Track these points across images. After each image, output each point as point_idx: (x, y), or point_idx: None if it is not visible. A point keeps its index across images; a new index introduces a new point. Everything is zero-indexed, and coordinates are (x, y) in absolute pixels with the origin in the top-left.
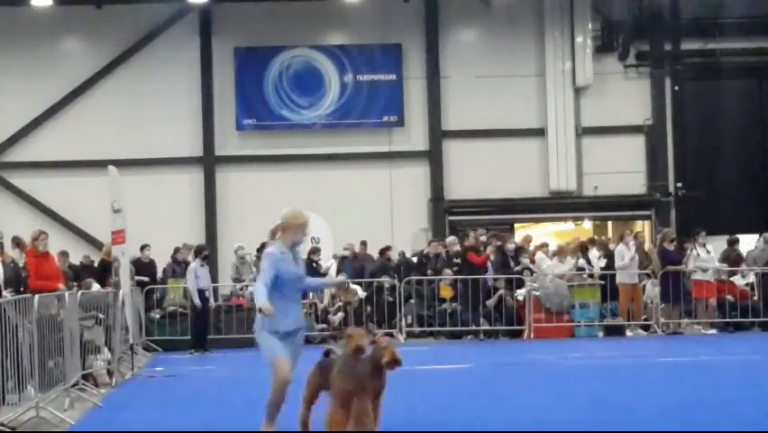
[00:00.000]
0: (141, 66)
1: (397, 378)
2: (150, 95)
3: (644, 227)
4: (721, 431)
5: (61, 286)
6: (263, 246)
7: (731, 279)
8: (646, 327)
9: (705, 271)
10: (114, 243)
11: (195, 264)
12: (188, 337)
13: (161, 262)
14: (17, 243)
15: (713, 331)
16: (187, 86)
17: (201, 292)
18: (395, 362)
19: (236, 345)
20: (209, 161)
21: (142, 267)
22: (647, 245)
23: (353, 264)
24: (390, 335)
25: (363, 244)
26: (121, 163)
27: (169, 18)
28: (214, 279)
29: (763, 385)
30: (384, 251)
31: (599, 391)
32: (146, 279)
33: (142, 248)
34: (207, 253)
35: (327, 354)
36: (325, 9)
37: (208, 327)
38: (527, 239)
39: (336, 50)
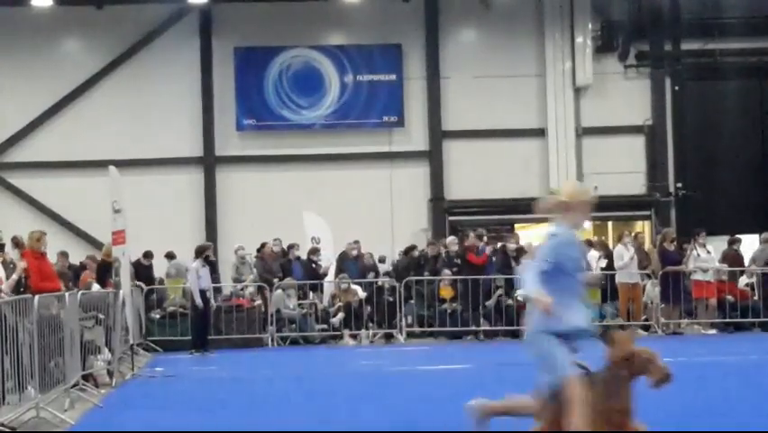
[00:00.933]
0: (142, 66)
1: (398, 378)
2: (150, 95)
3: (644, 227)
4: (721, 431)
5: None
6: (263, 246)
7: (740, 279)
8: (646, 328)
9: (705, 271)
10: (115, 243)
11: (196, 264)
12: (189, 338)
13: (161, 262)
14: (16, 243)
15: (713, 331)
16: (188, 86)
17: (202, 293)
18: (665, 380)
19: (236, 345)
20: (209, 162)
21: (141, 270)
22: (647, 245)
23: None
24: (390, 335)
25: (356, 243)
26: (121, 163)
27: (169, 18)
28: (215, 279)
29: (764, 386)
30: (409, 250)
31: None
32: (142, 284)
33: (146, 255)
34: (209, 253)
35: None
36: (325, 9)
37: (209, 327)
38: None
39: (336, 50)
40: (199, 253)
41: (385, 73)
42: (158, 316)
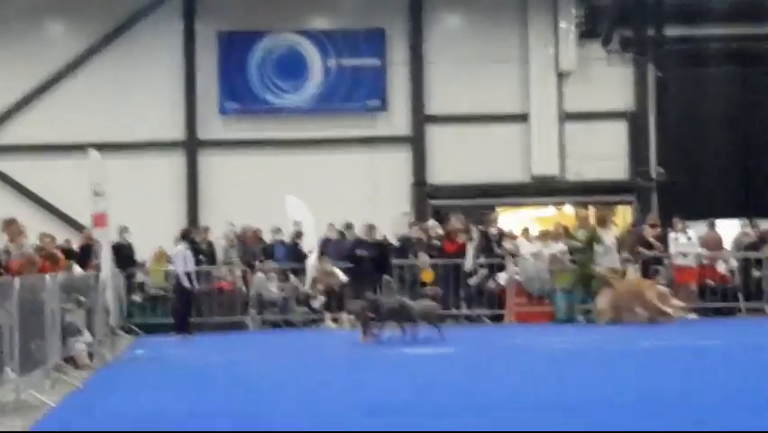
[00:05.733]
0: (124, 49)
1: (380, 361)
2: (132, 78)
3: (625, 212)
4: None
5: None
6: (244, 229)
7: (717, 263)
8: None
9: (686, 256)
10: (96, 226)
11: (181, 247)
12: (170, 321)
13: (143, 245)
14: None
15: (693, 316)
16: (170, 69)
17: (186, 275)
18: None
19: (218, 328)
20: (192, 145)
21: (121, 250)
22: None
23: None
24: (372, 319)
25: (349, 227)
26: (103, 147)
27: (152, 1)
28: (197, 262)
29: (744, 370)
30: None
31: (579, 374)
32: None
33: (121, 231)
34: (194, 236)
35: None
36: None
37: (190, 310)
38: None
39: (320, 34)
40: (184, 236)
41: (368, 58)
42: (139, 299)
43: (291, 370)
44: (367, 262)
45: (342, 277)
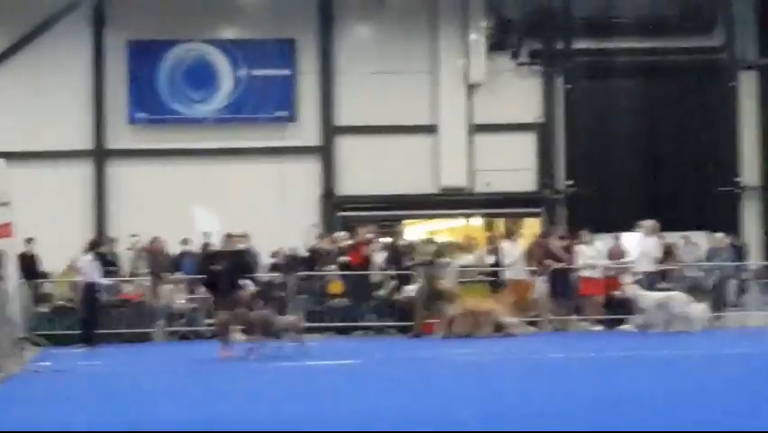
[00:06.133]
0: (32, 57)
1: (287, 373)
2: (40, 86)
3: (534, 225)
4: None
5: None
6: (154, 240)
7: (622, 275)
8: (534, 323)
9: (593, 268)
10: (0, 236)
11: (89, 258)
12: (76, 332)
13: (50, 256)
14: None
15: (599, 328)
16: (79, 78)
17: (92, 286)
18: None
19: (125, 339)
20: (100, 155)
21: (27, 261)
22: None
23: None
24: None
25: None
26: (11, 156)
27: (61, 9)
28: (114, 273)
29: (645, 381)
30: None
31: (485, 386)
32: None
33: (27, 242)
34: (101, 248)
35: None
36: (219, 3)
37: (97, 321)
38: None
39: (230, 44)
40: (92, 246)
41: (278, 68)
42: (45, 310)
43: (195, 381)
44: (224, 273)
45: (251, 288)
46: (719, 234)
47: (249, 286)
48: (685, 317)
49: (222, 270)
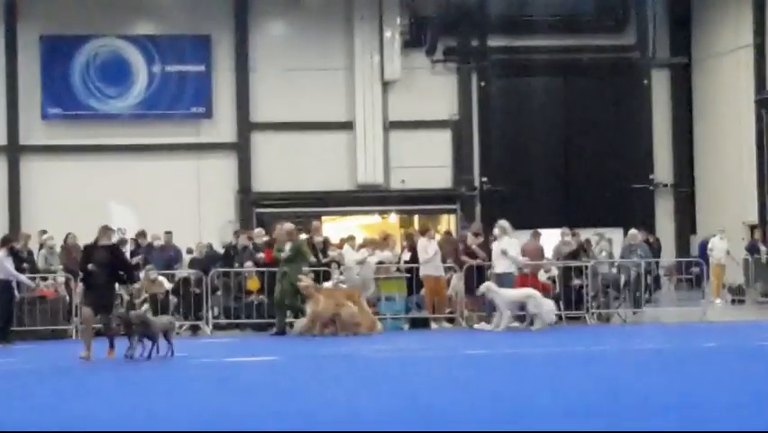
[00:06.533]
0: None
1: (202, 370)
2: None
3: (449, 221)
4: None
5: None
6: (68, 237)
7: (540, 272)
8: (451, 320)
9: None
10: None
11: (2, 254)
12: None
13: None
14: None
15: (516, 324)
16: None
17: (7, 283)
18: None
19: (40, 337)
20: (13, 151)
21: None
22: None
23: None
24: (197, 327)
25: (168, 234)
26: None
27: None
28: (28, 270)
29: (561, 378)
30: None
31: (403, 383)
32: None
33: None
34: (15, 244)
35: None
36: None
37: (12, 318)
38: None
39: (145, 39)
40: (5, 242)
41: (193, 64)
42: None
43: (113, 378)
44: (98, 268)
45: (167, 285)
46: (633, 231)
47: (164, 282)
48: (539, 315)
49: (95, 265)
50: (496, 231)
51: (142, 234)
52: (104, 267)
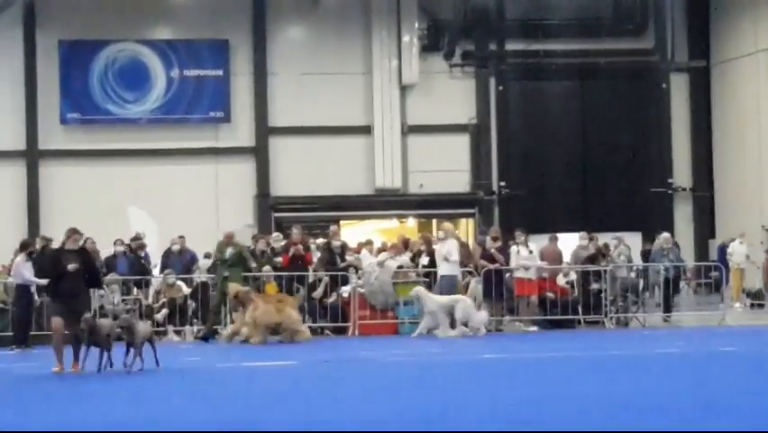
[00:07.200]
0: None
1: (223, 375)
2: None
3: (467, 225)
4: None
5: None
6: (86, 242)
7: (558, 277)
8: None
9: (527, 269)
10: None
11: (20, 259)
12: (9, 334)
13: None
14: None
15: (534, 328)
16: (10, 78)
17: (26, 287)
18: None
19: None
20: (32, 155)
21: None
22: (470, 243)
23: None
24: (216, 332)
25: (182, 238)
26: None
27: None
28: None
29: (583, 382)
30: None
31: (422, 387)
32: None
33: None
34: (33, 248)
35: None
36: (153, 3)
37: (31, 322)
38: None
39: (163, 44)
40: (24, 247)
41: (212, 68)
42: None
43: (132, 384)
44: (72, 274)
45: (185, 289)
46: (666, 234)
47: (182, 286)
48: (469, 323)
49: (67, 271)
50: (440, 234)
51: (137, 238)
52: (74, 272)
